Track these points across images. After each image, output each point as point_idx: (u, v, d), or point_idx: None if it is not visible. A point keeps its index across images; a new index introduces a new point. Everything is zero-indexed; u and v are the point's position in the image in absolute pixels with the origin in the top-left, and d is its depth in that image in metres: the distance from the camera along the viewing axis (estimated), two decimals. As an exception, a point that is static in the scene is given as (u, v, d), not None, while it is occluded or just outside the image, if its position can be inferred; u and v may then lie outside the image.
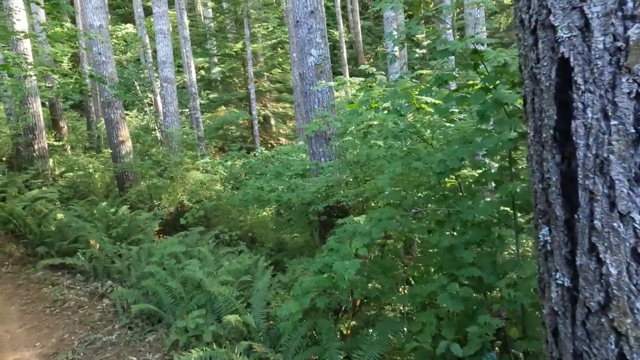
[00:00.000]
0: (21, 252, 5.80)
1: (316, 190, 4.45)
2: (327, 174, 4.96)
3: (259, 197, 5.18)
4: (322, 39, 5.75)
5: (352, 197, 4.21)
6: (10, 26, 7.39)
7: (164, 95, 11.36)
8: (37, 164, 10.69)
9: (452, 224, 2.59)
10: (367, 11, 29.48)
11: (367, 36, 30.75)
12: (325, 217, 5.38)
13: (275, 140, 21.51)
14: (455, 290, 2.34)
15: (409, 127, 3.11)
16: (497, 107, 2.27)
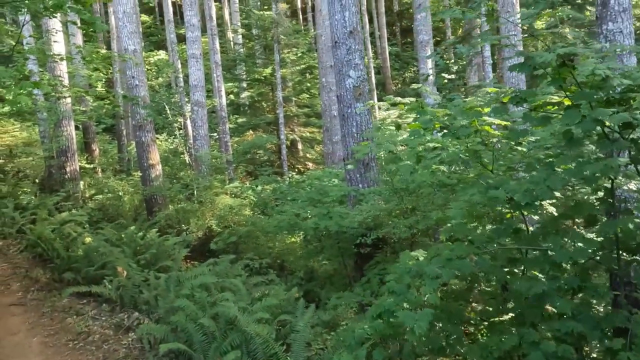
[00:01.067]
0: (47, 278, 5.62)
1: (363, 220, 4.12)
2: (369, 201, 4.64)
3: (295, 224, 4.87)
4: (360, 60, 5.52)
5: (405, 229, 3.87)
6: (48, 49, 7.46)
7: (194, 119, 11.33)
8: (68, 186, 10.71)
9: (536, 265, 2.22)
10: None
11: (395, 62, 30.77)
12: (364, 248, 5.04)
13: (302, 165, 21.35)
14: (552, 349, 1.94)
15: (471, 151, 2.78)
16: (593, 128, 1.93)
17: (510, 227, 2.40)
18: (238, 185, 9.85)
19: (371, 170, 5.49)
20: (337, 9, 5.43)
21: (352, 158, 5.53)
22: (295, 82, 21.08)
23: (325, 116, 16.45)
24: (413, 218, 3.87)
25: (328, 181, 8.13)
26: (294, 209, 5.18)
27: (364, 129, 5.50)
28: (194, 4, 11.27)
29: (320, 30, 16.30)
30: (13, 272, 5.76)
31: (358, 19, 5.49)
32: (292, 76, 20.71)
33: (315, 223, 4.56)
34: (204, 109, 11.45)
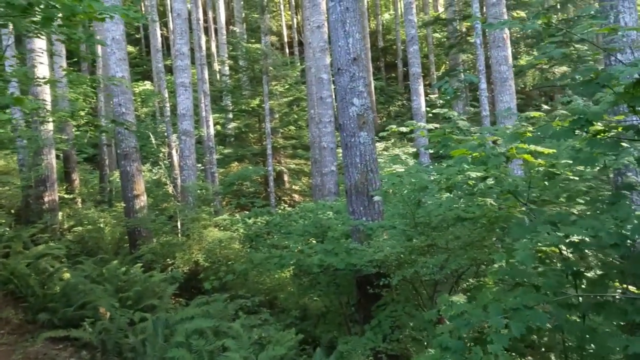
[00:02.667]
0: (20, 319, 5.10)
1: (382, 257, 3.77)
2: (379, 236, 4.32)
3: (298, 261, 4.51)
4: (364, 88, 5.32)
5: (435, 269, 3.52)
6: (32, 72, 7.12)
7: (182, 149, 10.98)
8: (45, 217, 10.15)
9: (619, 317, 1.92)
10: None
11: (380, 96, 31.18)
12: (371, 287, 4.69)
13: (288, 197, 21.04)
14: None
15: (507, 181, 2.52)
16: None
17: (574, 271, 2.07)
18: (227, 217, 9.44)
19: (375, 203, 5.20)
20: (340, 36, 5.25)
21: (355, 189, 5.24)
22: (282, 113, 21.00)
23: (314, 148, 16.29)
24: (441, 256, 3.54)
25: (322, 214, 7.79)
26: (297, 244, 4.81)
27: (368, 159, 5.24)
28: (184, 33, 11.11)
29: (310, 62, 16.35)
30: (-19, 313, 5.21)
31: (362, 46, 5.32)
32: (279, 108, 20.63)
33: (321, 260, 4.21)
34: (192, 139, 11.13)
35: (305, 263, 4.36)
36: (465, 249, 3.34)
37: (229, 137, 21.83)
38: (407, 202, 3.93)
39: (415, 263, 3.66)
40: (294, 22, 34.85)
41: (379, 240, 4.15)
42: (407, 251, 3.76)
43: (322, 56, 12.95)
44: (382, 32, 34.91)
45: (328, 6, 5.36)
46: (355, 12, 5.30)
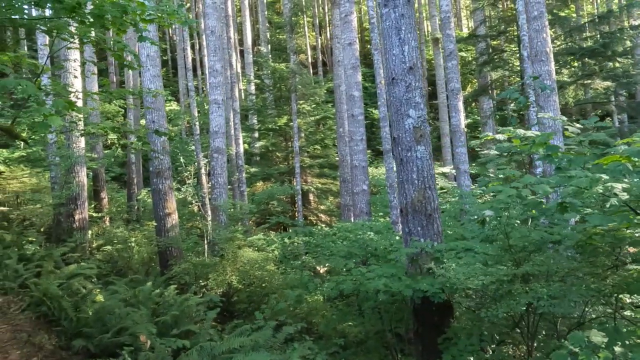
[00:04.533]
0: (53, 345, 4.77)
1: (479, 285, 3.30)
2: (450, 260, 3.88)
3: (359, 286, 4.08)
4: (421, 99, 4.95)
5: (549, 300, 3.05)
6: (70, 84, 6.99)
7: (213, 166, 10.74)
8: (76, 235, 9.98)
9: None
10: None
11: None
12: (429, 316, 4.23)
13: (315, 216, 20.67)
14: None
15: None
16: None
17: None
18: (262, 237, 9.08)
19: (434, 222, 4.77)
20: (395, 43, 4.92)
21: (412, 208, 4.82)
22: (308, 132, 20.79)
23: (343, 167, 15.95)
24: (556, 285, 3.06)
25: (363, 234, 7.36)
26: (350, 267, 4.38)
27: (425, 175, 4.83)
28: (217, 50, 10.99)
29: (338, 80, 16.16)
30: (13, 337, 4.90)
31: (418, 54, 4.97)
32: (306, 126, 20.44)
33: (386, 285, 3.78)
34: (223, 156, 10.89)
35: (365, 289, 3.94)
36: (594, 276, 2.88)
37: (255, 156, 21.70)
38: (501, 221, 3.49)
39: (519, 293, 3.17)
40: (318, 42, 35.03)
41: (450, 265, 3.70)
42: (507, 279, 3.29)
43: (354, 73, 12.71)
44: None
45: (381, 13, 5.05)
46: (410, 19, 4.97)
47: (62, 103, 2.49)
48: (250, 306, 8.29)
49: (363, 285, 4.02)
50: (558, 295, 2.95)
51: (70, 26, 3.84)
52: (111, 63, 24.52)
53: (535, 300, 2.99)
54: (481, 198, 10.88)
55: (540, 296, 2.96)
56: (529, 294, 3.07)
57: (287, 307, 6.28)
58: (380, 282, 3.80)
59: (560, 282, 3.14)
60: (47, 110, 2.36)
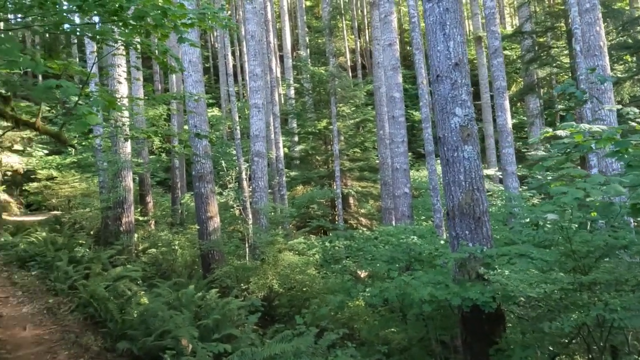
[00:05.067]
0: (99, 346, 4.85)
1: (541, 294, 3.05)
2: (503, 266, 3.64)
3: (403, 295, 3.89)
4: (468, 96, 4.72)
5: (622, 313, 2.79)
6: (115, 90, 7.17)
7: (254, 170, 10.78)
8: (122, 238, 10.25)
9: None
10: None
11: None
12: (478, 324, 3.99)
13: (355, 220, 20.46)
14: None
15: None
16: None
17: None
18: (302, 241, 9.01)
19: (483, 225, 4.52)
20: (439, 39, 4.72)
21: (459, 211, 4.59)
22: (348, 135, 20.65)
23: (384, 169, 15.70)
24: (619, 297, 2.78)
25: (405, 238, 7.14)
26: (402, 276, 4.19)
27: (473, 176, 4.59)
28: (257, 54, 11.05)
29: (378, 82, 15.95)
30: (61, 337, 5.03)
31: (465, 50, 4.75)
32: (345, 129, 20.30)
33: (432, 294, 3.58)
34: (264, 160, 10.92)
35: (410, 296, 3.75)
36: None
37: (295, 159, 21.76)
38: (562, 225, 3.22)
39: (586, 304, 2.90)
40: (357, 45, 34.87)
41: (503, 271, 3.46)
42: (572, 287, 3.03)
43: (394, 74, 12.48)
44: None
45: (424, 8, 4.86)
46: (455, 13, 4.76)
47: (101, 102, 2.49)
48: (291, 310, 8.21)
49: (407, 295, 3.83)
50: (633, 307, 2.66)
51: (114, 33, 3.88)
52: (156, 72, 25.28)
53: (608, 312, 2.71)
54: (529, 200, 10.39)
55: (613, 307, 2.67)
56: (597, 305, 2.78)
57: (329, 313, 6.14)
58: (425, 292, 3.59)
59: (631, 292, 2.85)
60: (86, 109, 2.35)
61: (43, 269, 7.76)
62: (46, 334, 5.16)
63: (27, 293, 6.67)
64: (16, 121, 4.67)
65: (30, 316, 5.76)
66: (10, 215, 14.89)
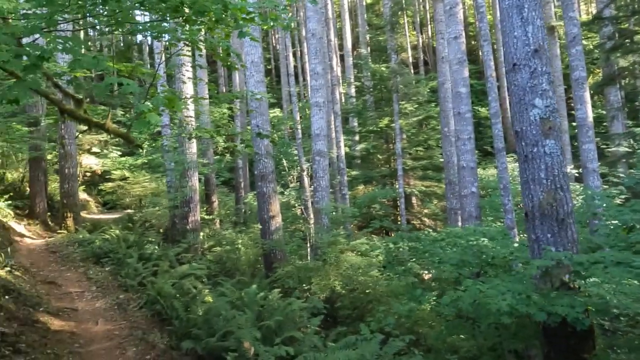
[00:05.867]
0: (165, 344, 4.91)
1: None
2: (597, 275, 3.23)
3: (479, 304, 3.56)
4: (549, 86, 4.29)
5: None
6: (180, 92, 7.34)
7: (315, 169, 10.68)
8: (189, 237, 10.53)
9: None
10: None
11: (515, 111, 28.60)
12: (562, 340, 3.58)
13: (418, 220, 19.89)
14: None
15: None
16: None
17: None
18: (365, 241, 8.78)
19: (568, 228, 4.08)
20: (516, 24, 4.33)
21: (540, 211, 4.18)
22: (410, 133, 20.11)
23: (449, 168, 15.11)
24: None
25: (475, 240, 6.71)
26: (477, 284, 3.85)
27: (556, 174, 4.16)
28: (318, 53, 10.95)
29: (442, 77, 15.36)
30: (130, 334, 5.15)
31: (544, 35, 4.32)
32: (407, 127, 19.79)
33: (511, 306, 3.23)
34: (325, 159, 10.79)
35: (486, 306, 3.42)
36: None
37: (356, 159, 21.54)
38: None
39: None
40: (420, 40, 34.02)
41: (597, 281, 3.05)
42: None
43: (460, 68, 11.92)
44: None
45: (499, -9, 4.48)
46: (534, -5, 4.34)
47: (161, 100, 2.42)
48: (353, 313, 8.02)
49: (483, 305, 3.49)
50: None
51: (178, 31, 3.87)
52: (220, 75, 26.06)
53: None
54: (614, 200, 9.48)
55: None
56: None
57: (396, 321, 5.87)
58: (503, 303, 3.25)
59: None
60: (146, 107, 2.28)
61: (115, 266, 8.10)
62: (116, 329, 5.31)
63: (100, 288, 6.96)
64: (88, 123, 4.82)
65: (103, 311, 5.97)
66: (89, 213, 15.85)
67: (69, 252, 9.06)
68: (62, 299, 6.37)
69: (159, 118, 2.34)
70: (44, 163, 12.31)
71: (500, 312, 3.25)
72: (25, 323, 4.78)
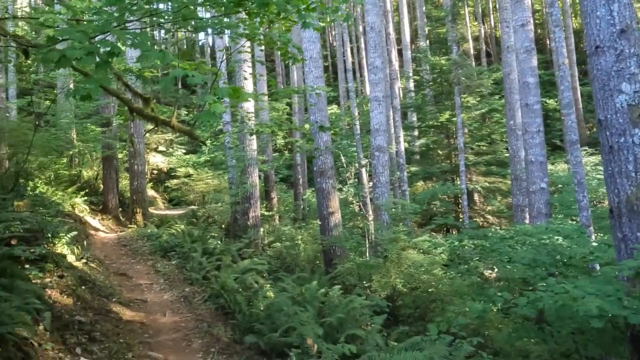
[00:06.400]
0: (229, 338, 4.98)
1: None
2: None
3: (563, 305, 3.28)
4: (638, 69, 3.89)
5: None
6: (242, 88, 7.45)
7: (374, 165, 10.51)
8: (250, 232, 10.71)
9: None
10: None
11: (588, 103, 26.89)
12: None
13: (481, 218, 19.14)
14: None
15: None
16: None
17: None
18: (427, 239, 8.52)
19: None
20: (599, 2, 3.96)
21: (627, 207, 3.81)
22: (472, 127, 19.35)
23: (514, 163, 14.37)
24: None
25: (548, 238, 6.27)
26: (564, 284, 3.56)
27: (646, 166, 3.77)
28: (377, 46, 10.75)
29: (507, 68, 14.64)
30: (196, 326, 5.28)
31: (633, 13, 3.93)
32: (469, 121, 19.06)
33: (601, 309, 2.95)
34: (385, 155, 10.59)
35: (571, 309, 3.15)
36: None
37: (415, 154, 21.08)
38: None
39: None
40: (481, 31, 32.75)
41: None
42: None
43: (528, 58, 11.26)
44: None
45: (579, -32, 4.12)
46: (620, -31, 3.94)
47: (226, 91, 2.39)
48: (415, 312, 7.80)
49: (568, 307, 3.21)
50: None
51: (240, 27, 3.87)
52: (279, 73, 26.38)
53: None
54: None
55: None
56: None
57: (468, 323, 5.62)
58: (593, 305, 2.96)
59: None
60: (211, 98, 2.27)
61: (181, 259, 8.38)
62: (182, 321, 5.46)
63: (167, 281, 7.21)
64: (155, 120, 4.97)
65: (170, 303, 6.18)
66: (156, 209, 16.61)
67: (138, 246, 9.50)
68: (133, 290, 6.66)
69: (223, 108, 2.32)
70: (116, 161, 12.99)
71: (588, 314, 2.96)
72: (100, 312, 5.01)
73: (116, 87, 5.49)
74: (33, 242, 5.23)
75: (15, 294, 3.60)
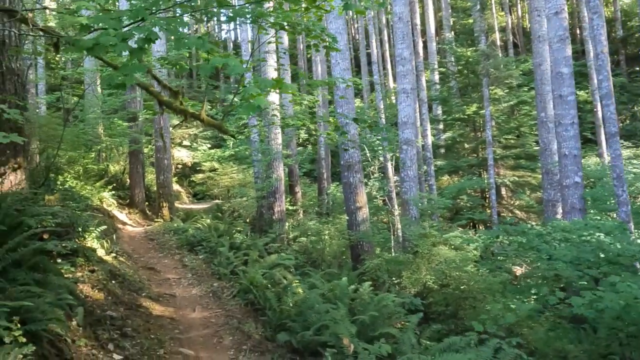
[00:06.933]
0: (260, 335, 4.89)
1: None
2: None
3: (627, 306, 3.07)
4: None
5: None
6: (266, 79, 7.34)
7: (402, 159, 10.28)
8: (275, 226, 10.63)
9: None
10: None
11: (620, 94, 25.96)
12: None
13: (509, 213, 18.69)
14: None
15: None
16: None
17: None
18: (459, 234, 8.28)
19: None
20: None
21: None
22: (500, 120, 18.86)
23: (545, 156, 13.91)
24: None
25: (589, 235, 5.99)
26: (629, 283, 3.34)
27: None
28: (405, 37, 10.49)
29: (538, 58, 14.15)
30: (225, 322, 5.20)
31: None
32: (497, 114, 18.58)
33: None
34: (413, 148, 10.35)
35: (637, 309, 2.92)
36: None
37: (440, 148, 20.70)
38: None
39: None
40: (509, 21, 31.96)
41: None
42: None
43: (561, 47, 10.81)
44: (621, 18, 29.17)
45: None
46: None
47: (270, 82, 2.26)
48: (447, 309, 7.59)
49: (633, 307, 2.98)
50: None
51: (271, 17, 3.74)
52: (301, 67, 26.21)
53: None
54: None
55: None
56: None
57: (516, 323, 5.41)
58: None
59: None
60: (255, 90, 2.13)
61: (208, 254, 8.34)
62: (212, 317, 5.39)
63: (195, 275, 7.18)
64: (184, 113, 4.89)
65: (199, 298, 6.12)
66: (182, 203, 16.72)
67: (165, 240, 9.51)
68: (162, 284, 6.64)
69: (267, 101, 2.19)
70: (142, 156, 13.08)
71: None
72: (130, 307, 4.98)
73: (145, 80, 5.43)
74: (64, 236, 5.22)
75: (48, 289, 3.57)
